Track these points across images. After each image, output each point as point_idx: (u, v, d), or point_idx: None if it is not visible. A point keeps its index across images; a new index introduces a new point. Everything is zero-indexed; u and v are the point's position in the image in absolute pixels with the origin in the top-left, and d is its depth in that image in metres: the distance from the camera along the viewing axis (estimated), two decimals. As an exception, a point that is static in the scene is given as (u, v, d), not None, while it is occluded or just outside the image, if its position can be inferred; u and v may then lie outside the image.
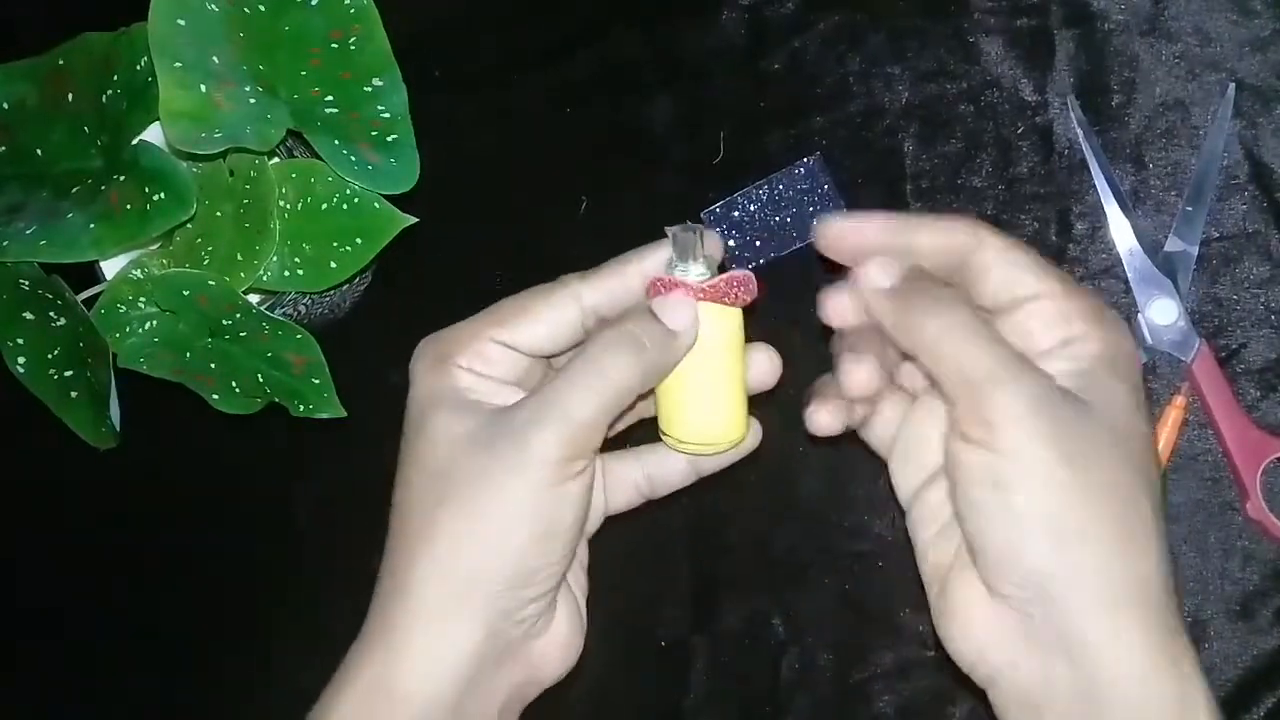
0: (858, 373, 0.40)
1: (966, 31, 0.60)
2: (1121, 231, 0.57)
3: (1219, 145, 0.56)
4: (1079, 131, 0.58)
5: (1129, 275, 0.57)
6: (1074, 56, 0.59)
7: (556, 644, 0.41)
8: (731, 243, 0.61)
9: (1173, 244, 0.56)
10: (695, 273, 0.41)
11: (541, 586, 0.39)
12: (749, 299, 0.42)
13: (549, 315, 0.41)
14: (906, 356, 0.41)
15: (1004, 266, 0.39)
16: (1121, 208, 0.57)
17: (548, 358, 0.43)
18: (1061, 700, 0.35)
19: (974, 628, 0.37)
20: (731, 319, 0.42)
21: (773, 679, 0.60)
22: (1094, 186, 0.58)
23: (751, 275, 0.42)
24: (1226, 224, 0.57)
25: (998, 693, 0.37)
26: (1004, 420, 0.35)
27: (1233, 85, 0.56)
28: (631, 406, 0.42)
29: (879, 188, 0.60)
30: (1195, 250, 0.56)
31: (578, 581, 0.43)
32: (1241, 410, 0.55)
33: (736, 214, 0.61)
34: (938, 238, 0.40)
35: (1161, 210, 0.58)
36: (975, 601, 0.37)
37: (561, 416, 0.38)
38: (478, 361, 0.41)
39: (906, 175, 0.60)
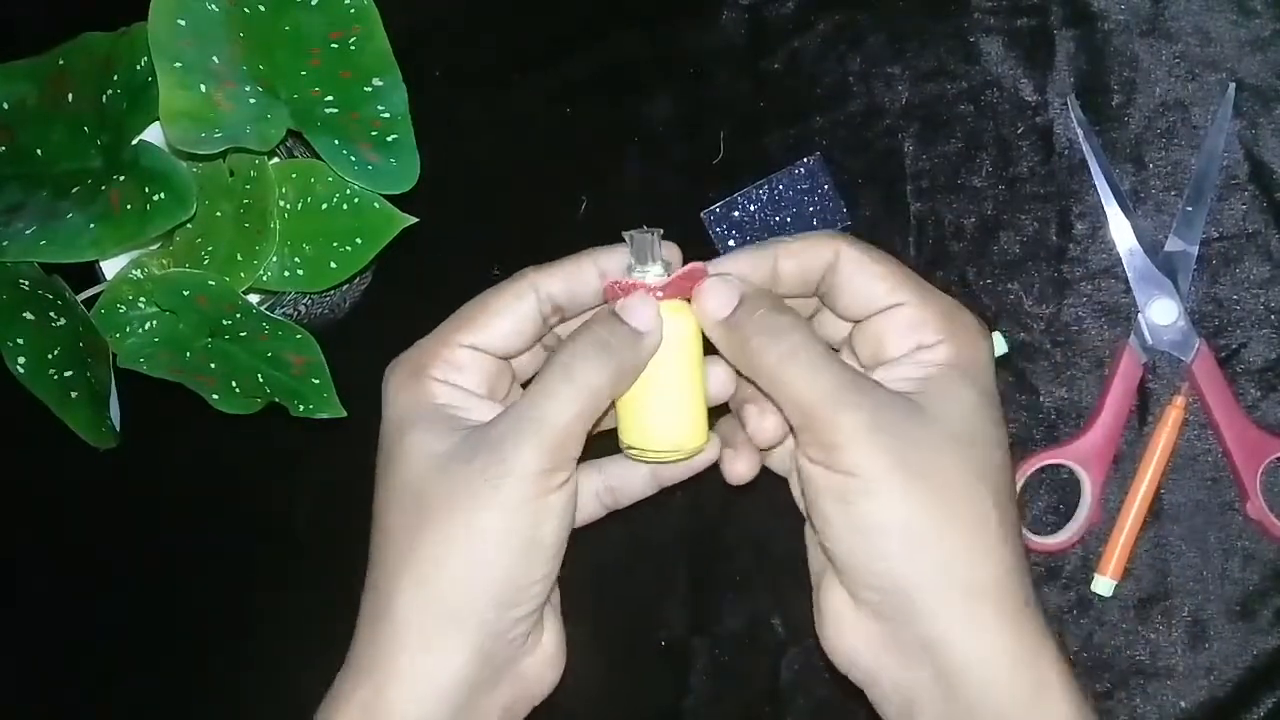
0: (765, 423, 0.41)
1: (966, 31, 0.60)
2: (1121, 231, 0.57)
3: (1219, 145, 0.56)
4: (1079, 131, 0.57)
5: (1129, 275, 0.57)
6: (1074, 56, 0.59)
7: (544, 659, 0.41)
8: (731, 243, 0.61)
9: (1173, 244, 0.56)
10: (654, 274, 0.41)
11: (530, 604, 0.39)
12: None
13: (509, 308, 0.42)
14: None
15: (861, 278, 0.40)
16: (1121, 208, 0.57)
17: (514, 358, 0.43)
18: (928, 699, 0.37)
19: (844, 632, 0.38)
20: (690, 321, 0.42)
21: (772, 679, 0.60)
22: (1094, 186, 0.58)
23: (704, 265, 0.42)
24: (1226, 224, 0.57)
25: (874, 693, 0.38)
26: (843, 440, 0.36)
27: (1233, 85, 0.56)
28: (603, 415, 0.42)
29: (879, 188, 0.60)
30: (1195, 250, 0.56)
31: (555, 599, 0.43)
32: (1241, 410, 0.55)
33: (736, 214, 0.61)
34: (798, 260, 0.41)
35: (1161, 210, 0.58)
36: (842, 607, 0.38)
37: (539, 427, 0.38)
38: (450, 370, 0.41)
39: (906, 175, 0.60)
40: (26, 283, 0.57)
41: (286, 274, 0.57)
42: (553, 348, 0.44)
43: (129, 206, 0.54)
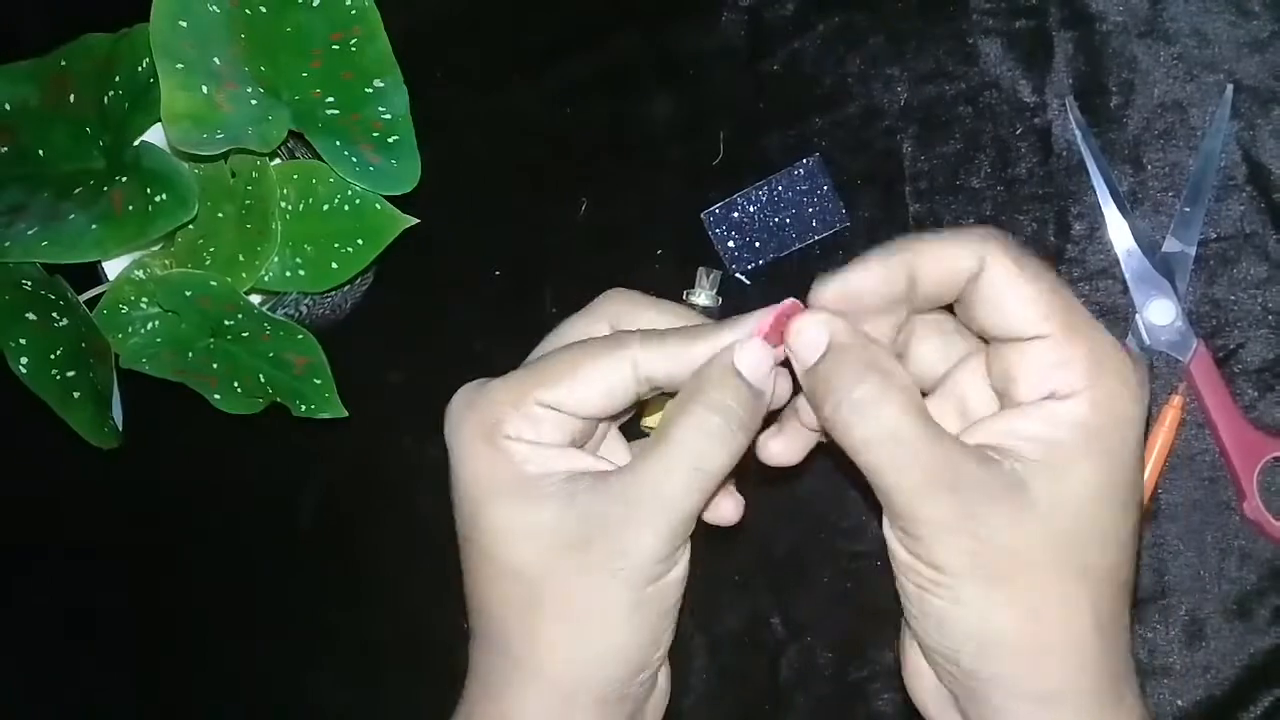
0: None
1: (965, 33, 0.60)
2: (1119, 232, 0.57)
3: (1217, 146, 0.56)
4: (1077, 133, 0.58)
5: (1126, 276, 0.57)
6: (1072, 58, 0.59)
7: (660, 696, 0.40)
8: (731, 243, 0.61)
9: (1170, 244, 0.57)
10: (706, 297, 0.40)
11: (651, 670, 0.38)
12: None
13: (601, 380, 0.37)
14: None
15: (1006, 297, 0.35)
16: (1119, 208, 0.57)
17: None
18: None
19: (918, 685, 0.37)
20: None
21: (772, 678, 0.61)
22: (1092, 188, 0.58)
23: (796, 302, 0.39)
24: (1224, 225, 0.57)
25: None
26: (925, 535, 0.34)
27: (1231, 86, 0.57)
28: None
29: (878, 188, 0.61)
30: (1193, 251, 0.56)
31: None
32: (1239, 410, 0.56)
33: (736, 214, 0.61)
34: (940, 265, 0.36)
35: (1160, 211, 0.58)
36: (919, 662, 0.37)
37: (661, 514, 0.35)
38: (526, 428, 0.37)
39: (905, 176, 0.60)
40: (29, 283, 0.57)
41: (288, 275, 0.57)
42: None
43: (131, 207, 0.54)
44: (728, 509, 0.41)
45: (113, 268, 0.60)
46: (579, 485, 0.36)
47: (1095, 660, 0.34)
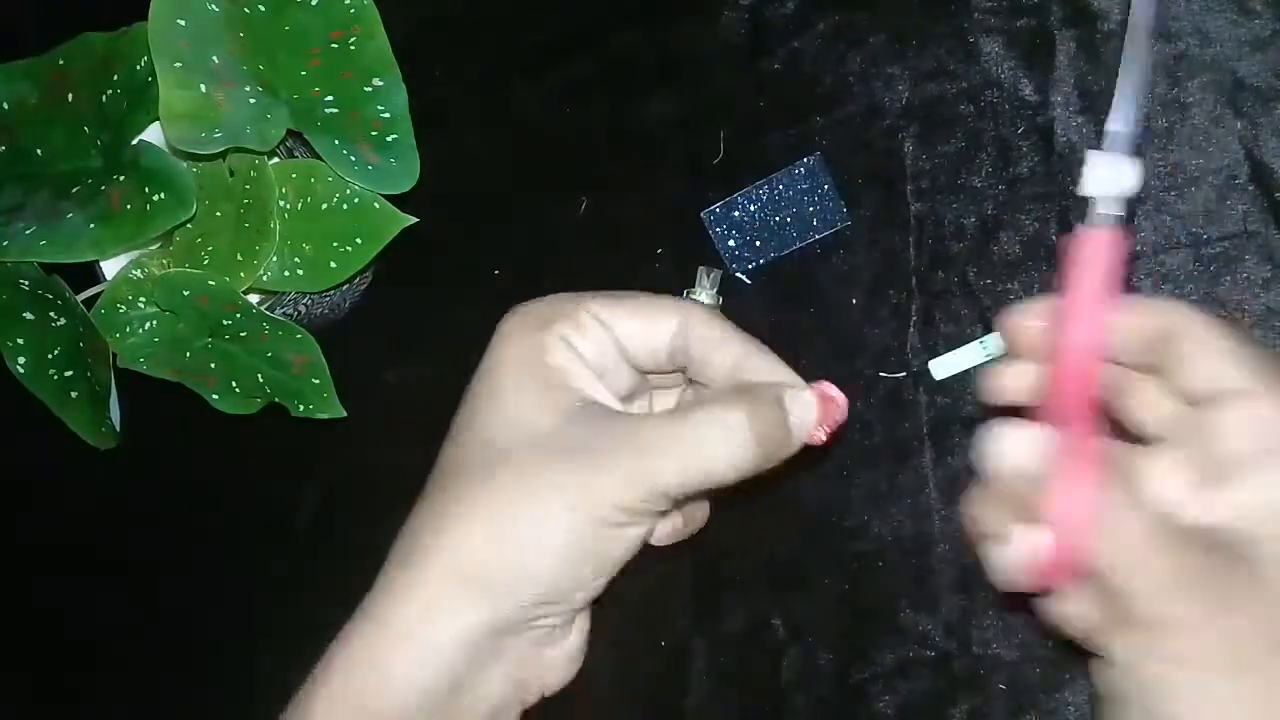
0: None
1: (967, 31, 0.60)
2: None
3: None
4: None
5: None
6: (1074, 56, 0.59)
7: (567, 655, 0.39)
8: (731, 243, 0.61)
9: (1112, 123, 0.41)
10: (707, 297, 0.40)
11: (566, 607, 0.37)
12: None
13: (651, 315, 0.38)
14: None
15: (1207, 356, 0.34)
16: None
17: (630, 364, 0.40)
18: None
19: None
20: None
21: (773, 679, 0.60)
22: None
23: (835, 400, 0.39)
24: (1227, 224, 0.57)
25: None
26: (1172, 633, 0.32)
27: None
28: None
29: (879, 188, 0.60)
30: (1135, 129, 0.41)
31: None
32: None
33: (736, 214, 0.61)
34: (1136, 320, 0.36)
35: (1162, 210, 0.58)
36: None
37: (644, 478, 0.35)
38: (573, 331, 0.38)
39: (906, 175, 0.60)
40: (27, 283, 0.57)
41: (286, 274, 0.57)
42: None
43: (129, 206, 0.54)
44: (660, 531, 0.40)
45: (111, 267, 0.60)
46: (587, 410, 0.36)
47: None
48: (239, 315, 0.55)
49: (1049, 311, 0.37)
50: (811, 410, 0.38)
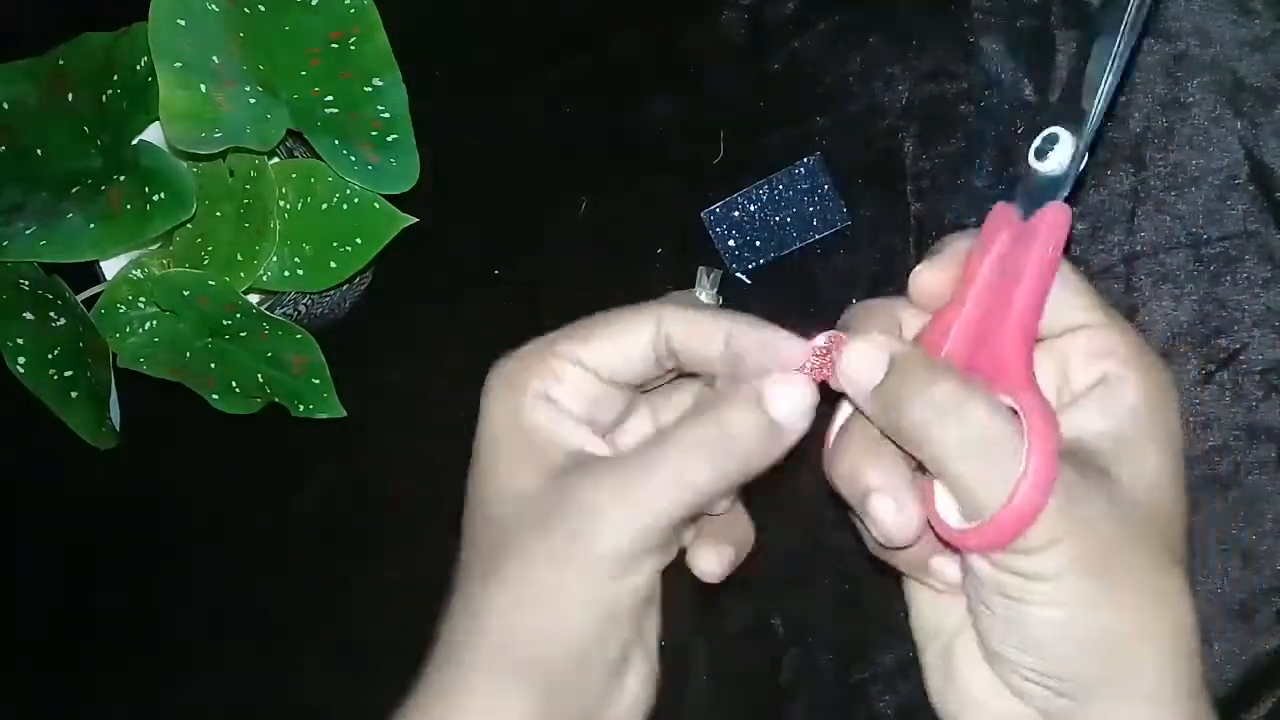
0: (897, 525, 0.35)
1: (967, 31, 0.60)
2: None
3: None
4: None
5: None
6: (1074, 56, 0.59)
7: (628, 702, 0.38)
8: (731, 243, 0.61)
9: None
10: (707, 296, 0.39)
11: (606, 665, 0.36)
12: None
13: (624, 332, 0.38)
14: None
15: (1060, 294, 0.36)
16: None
17: (627, 388, 0.39)
18: None
19: (975, 707, 0.36)
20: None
21: (773, 679, 0.60)
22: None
23: (841, 334, 0.37)
24: (1227, 224, 0.57)
25: None
26: (1028, 538, 0.32)
27: None
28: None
29: (879, 188, 0.60)
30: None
31: (652, 628, 0.39)
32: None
33: (736, 214, 0.61)
34: (940, 272, 0.38)
35: (1162, 210, 0.58)
36: (981, 682, 0.35)
37: (631, 511, 0.35)
38: (551, 383, 0.37)
39: (906, 175, 0.60)
40: (26, 283, 0.57)
41: (286, 274, 0.57)
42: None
43: (129, 206, 0.54)
44: (707, 561, 0.39)
45: (110, 267, 0.60)
46: (572, 463, 0.36)
47: (1193, 652, 0.34)
48: (239, 315, 0.55)
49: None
50: (794, 399, 0.36)
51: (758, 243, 0.61)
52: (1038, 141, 0.38)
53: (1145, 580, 0.33)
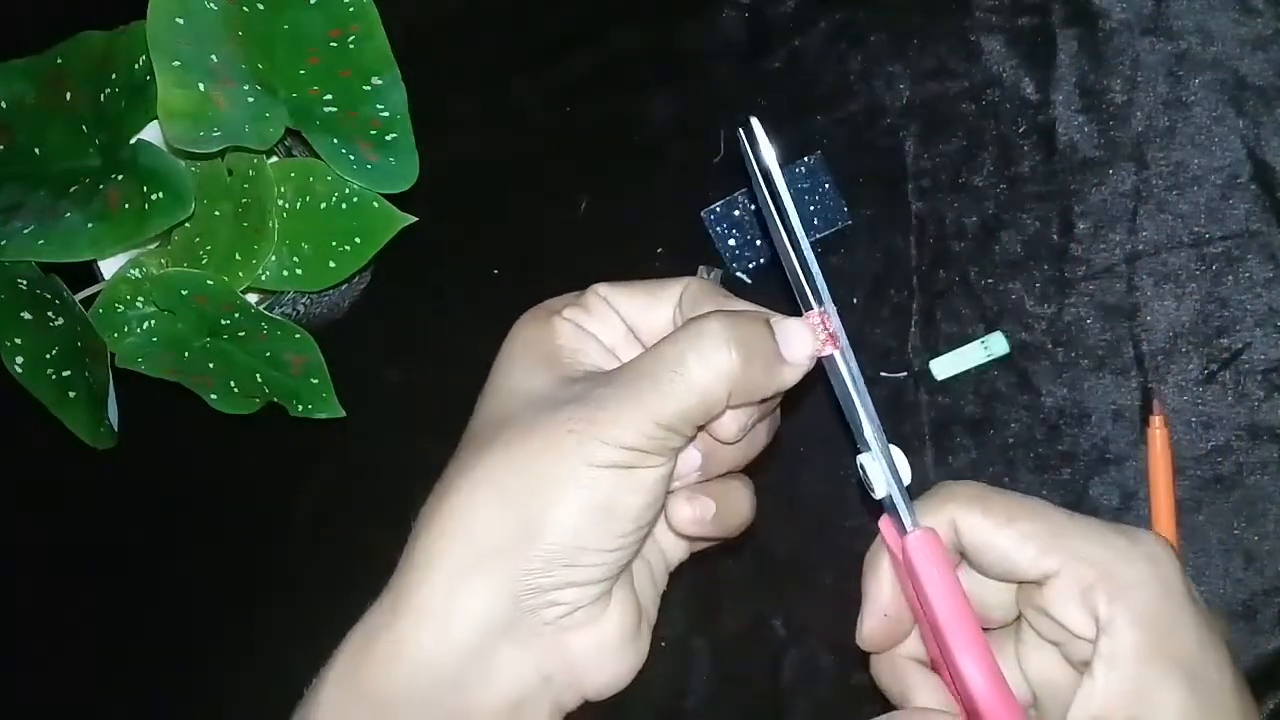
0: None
1: (968, 30, 0.60)
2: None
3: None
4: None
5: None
6: (1075, 55, 0.59)
7: (600, 647, 0.36)
8: (731, 242, 0.61)
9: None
10: None
11: (587, 571, 0.34)
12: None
13: (655, 289, 0.38)
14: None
15: (997, 556, 0.35)
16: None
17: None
18: None
19: None
20: None
21: (773, 679, 0.60)
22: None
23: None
24: (1229, 223, 0.57)
25: None
26: None
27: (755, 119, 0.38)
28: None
29: (880, 187, 0.60)
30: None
31: (647, 596, 0.38)
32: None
33: (736, 213, 0.61)
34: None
35: (1164, 210, 0.58)
36: None
37: (642, 409, 0.34)
38: (580, 313, 0.38)
39: (907, 174, 0.60)
40: (25, 282, 0.57)
41: (285, 273, 0.56)
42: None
43: (127, 206, 0.54)
44: (679, 510, 0.37)
45: (109, 266, 0.59)
46: (590, 373, 0.36)
47: None
48: (237, 315, 0.55)
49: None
50: (801, 333, 0.36)
51: (758, 242, 0.61)
52: (863, 476, 0.37)
53: None
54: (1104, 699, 0.33)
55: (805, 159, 0.60)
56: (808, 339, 0.36)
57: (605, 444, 0.33)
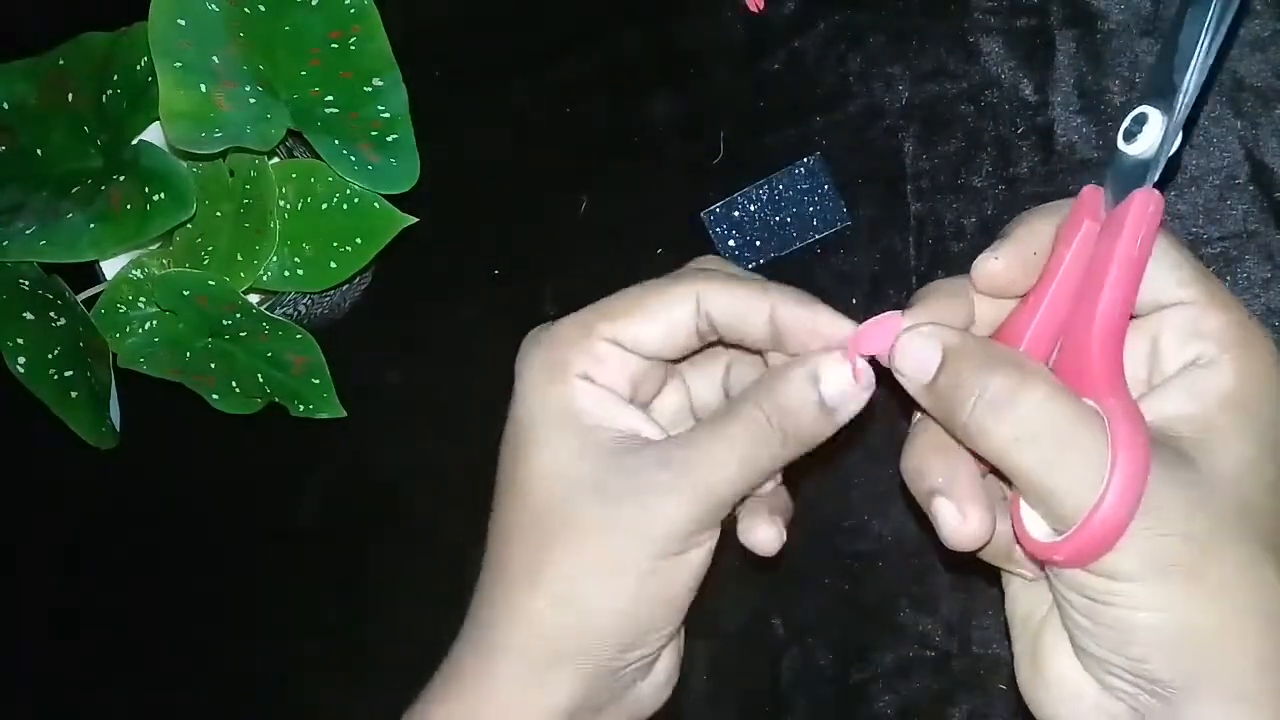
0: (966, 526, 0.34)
1: (967, 31, 0.60)
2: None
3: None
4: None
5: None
6: (1074, 56, 0.59)
7: (656, 685, 0.38)
8: (731, 243, 0.61)
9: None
10: None
11: (651, 646, 0.36)
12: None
13: (665, 311, 0.37)
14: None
15: (1150, 264, 0.34)
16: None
17: (666, 360, 0.39)
18: None
19: (1066, 699, 0.34)
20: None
21: (773, 679, 0.60)
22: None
23: (898, 316, 0.36)
24: (1227, 224, 0.57)
25: None
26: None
27: None
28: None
29: (879, 187, 0.60)
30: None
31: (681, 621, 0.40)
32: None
33: (736, 214, 0.61)
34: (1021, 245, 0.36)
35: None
36: (1073, 676, 0.34)
37: (696, 492, 0.35)
38: (592, 365, 0.37)
39: (906, 175, 0.60)
40: (26, 283, 0.57)
41: (286, 274, 0.57)
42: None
43: (129, 206, 0.54)
44: (765, 532, 0.39)
45: (110, 267, 0.60)
46: (628, 444, 0.36)
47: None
48: (239, 315, 0.55)
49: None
50: (842, 379, 0.35)
51: (758, 243, 0.61)
52: (1126, 122, 0.35)
53: (1233, 576, 0.31)
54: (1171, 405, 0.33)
55: (804, 160, 0.60)
56: (845, 384, 0.35)
57: (660, 538, 0.34)
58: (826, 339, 0.36)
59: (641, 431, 0.37)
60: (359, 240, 0.56)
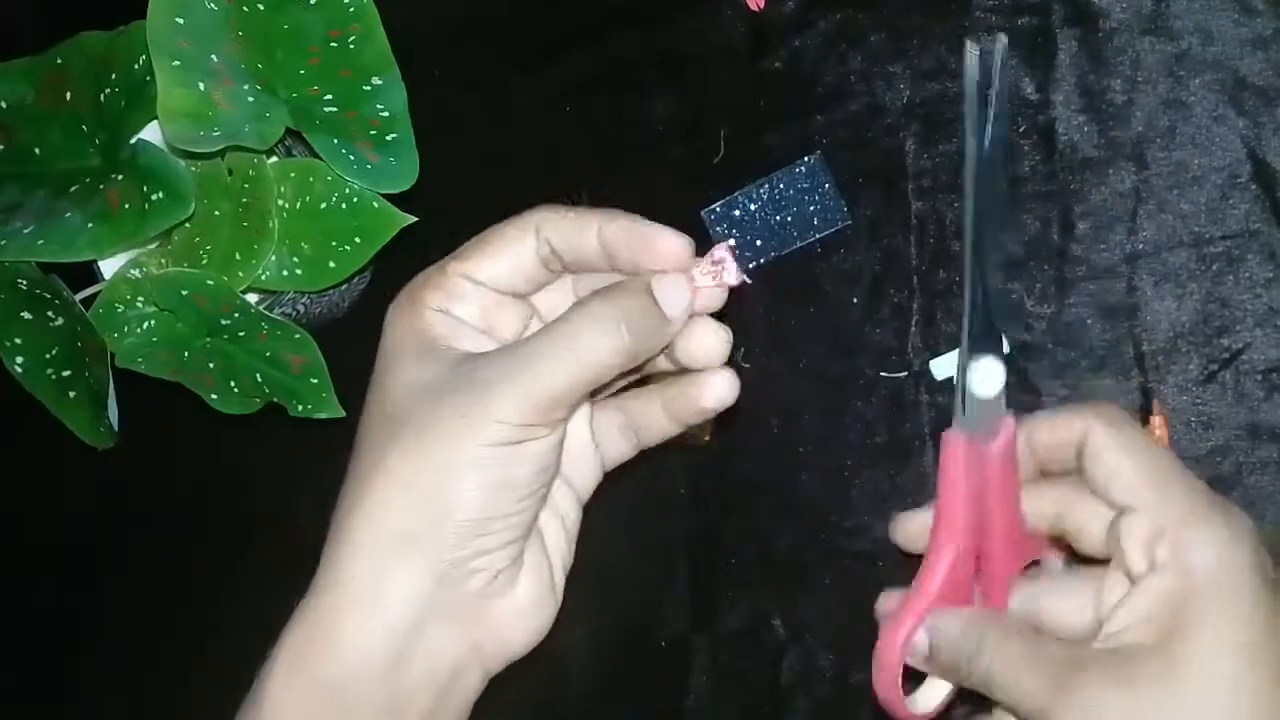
0: None
1: (967, 30, 0.60)
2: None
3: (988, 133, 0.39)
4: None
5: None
6: (1075, 55, 0.59)
7: (519, 608, 0.39)
8: (732, 242, 0.61)
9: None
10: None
11: (497, 538, 0.37)
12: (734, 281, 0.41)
13: (508, 245, 0.41)
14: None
15: (1103, 474, 0.38)
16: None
17: (520, 295, 0.42)
18: None
19: None
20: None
21: (773, 679, 0.60)
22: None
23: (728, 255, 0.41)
24: (1229, 223, 0.57)
25: None
26: None
27: (1003, 37, 0.39)
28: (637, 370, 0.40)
29: (880, 187, 0.60)
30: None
31: (558, 549, 0.41)
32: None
33: (736, 214, 0.61)
34: (1052, 436, 0.40)
35: (1165, 210, 0.58)
36: None
37: (527, 384, 0.36)
38: (446, 299, 0.40)
39: (907, 174, 0.60)
40: (24, 282, 0.57)
41: (285, 273, 0.57)
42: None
43: (127, 205, 0.54)
44: (712, 341, 0.40)
45: (109, 266, 0.59)
46: (472, 356, 0.38)
47: None
48: (237, 315, 0.55)
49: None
50: (680, 290, 0.39)
51: (758, 242, 0.61)
52: (977, 374, 0.40)
53: None
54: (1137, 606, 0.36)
55: (805, 159, 0.60)
56: (684, 295, 0.39)
57: (497, 423, 0.36)
58: (653, 252, 0.39)
59: (488, 348, 0.39)
60: (358, 239, 0.56)
